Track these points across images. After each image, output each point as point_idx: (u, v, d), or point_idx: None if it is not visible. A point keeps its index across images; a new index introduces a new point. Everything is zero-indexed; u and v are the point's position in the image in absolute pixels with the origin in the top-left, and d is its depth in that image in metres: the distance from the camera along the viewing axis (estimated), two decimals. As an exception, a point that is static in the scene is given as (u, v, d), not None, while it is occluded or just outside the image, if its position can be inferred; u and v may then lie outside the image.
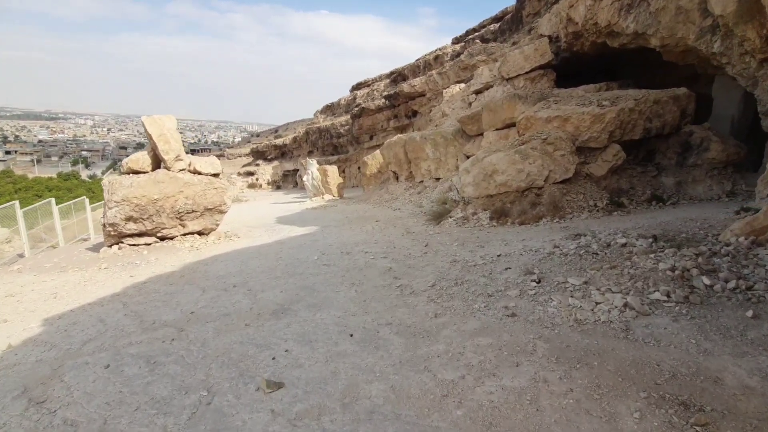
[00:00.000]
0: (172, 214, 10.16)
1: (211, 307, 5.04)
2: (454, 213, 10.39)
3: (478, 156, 10.40)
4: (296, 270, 6.65)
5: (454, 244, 7.48)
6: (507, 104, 14.20)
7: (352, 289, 5.29)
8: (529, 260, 5.66)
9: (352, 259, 7.06)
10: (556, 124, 10.44)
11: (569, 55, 16.22)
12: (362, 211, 15.46)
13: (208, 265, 7.85)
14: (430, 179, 17.60)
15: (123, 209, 9.76)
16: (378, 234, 9.62)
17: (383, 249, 7.70)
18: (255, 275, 6.58)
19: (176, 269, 7.79)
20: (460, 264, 5.94)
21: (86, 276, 7.99)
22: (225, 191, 10.86)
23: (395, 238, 8.81)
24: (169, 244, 10.23)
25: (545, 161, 9.46)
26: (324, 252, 7.95)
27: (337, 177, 22.88)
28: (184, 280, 6.77)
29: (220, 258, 8.51)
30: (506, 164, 9.60)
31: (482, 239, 7.68)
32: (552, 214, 9.02)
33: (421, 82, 24.27)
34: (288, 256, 7.85)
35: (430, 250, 7.16)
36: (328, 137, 35.63)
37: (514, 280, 4.85)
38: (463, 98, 18.94)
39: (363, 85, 39.03)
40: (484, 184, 9.97)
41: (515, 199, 9.61)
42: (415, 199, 16.47)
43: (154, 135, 9.97)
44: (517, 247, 6.55)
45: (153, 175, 9.99)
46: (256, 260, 7.81)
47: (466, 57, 21.38)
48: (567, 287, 4.31)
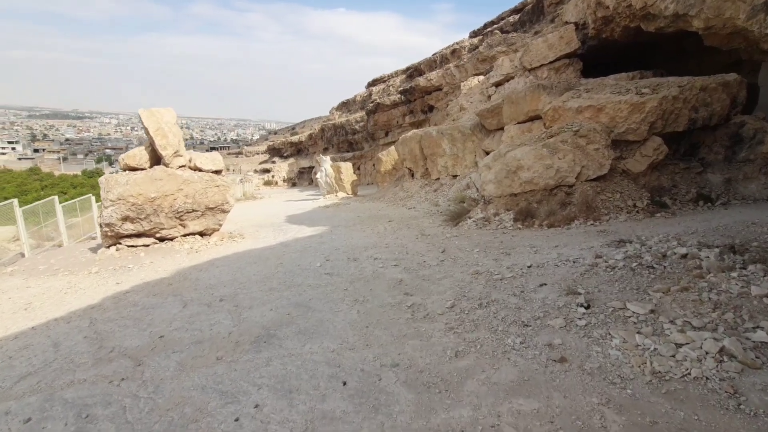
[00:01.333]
0: (171, 214, 9.35)
1: (186, 330, 4.14)
2: (473, 213, 9.33)
3: (500, 151, 9.30)
4: (294, 280, 5.71)
5: (474, 251, 6.44)
6: (530, 95, 13.02)
7: (354, 308, 4.32)
8: (568, 274, 4.60)
9: (358, 267, 6.08)
10: (588, 115, 9.26)
11: (597, 43, 14.86)
12: (375, 209, 14.48)
13: (202, 272, 6.99)
14: (447, 176, 16.51)
15: (119, 208, 8.99)
16: (390, 236, 8.63)
17: (394, 255, 6.71)
18: (248, 286, 5.67)
19: (167, 275, 6.95)
20: (484, 277, 4.91)
21: (72, 282, 7.23)
22: (228, 189, 10.01)
23: (408, 242, 7.81)
24: (168, 246, 9.43)
25: (577, 156, 8.32)
26: (329, 257, 7.00)
27: (351, 174, 21.95)
28: (170, 289, 5.91)
29: (217, 263, 7.65)
30: (532, 159, 8.48)
31: (507, 245, 6.61)
32: (585, 215, 7.89)
33: (437, 76, 23.11)
34: (289, 262, 6.92)
35: (448, 258, 6.14)
36: (343, 134, 34.74)
37: (554, 302, 3.81)
38: (481, 91, 17.76)
39: (379, 81, 37.97)
40: (507, 182, 8.88)
41: (542, 199, 8.49)
42: (431, 197, 15.41)
43: (151, 129, 9.16)
44: (550, 255, 5.47)
45: (150, 172, 9.19)
46: (254, 266, 6.91)
47: (485, 48, 20.14)
48: (628, 317, 3.26)
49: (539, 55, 15.70)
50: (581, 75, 15.24)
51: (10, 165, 69.80)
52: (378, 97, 30.38)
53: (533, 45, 15.89)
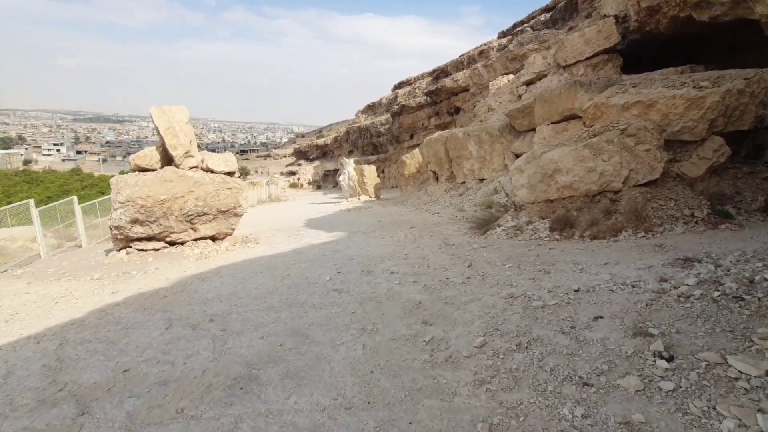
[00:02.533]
0: (181, 217, 8.76)
1: (157, 362, 3.39)
2: (503, 221, 8.33)
3: (534, 152, 8.27)
4: (298, 297, 4.90)
5: (506, 266, 5.47)
6: (565, 93, 11.88)
7: (360, 340, 3.46)
8: (629, 303, 3.60)
9: (371, 283, 5.22)
10: (636, 112, 8.11)
11: (639, 37, 13.51)
12: (397, 214, 13.61)
13: (203, 282, 6.29)
14: (473, 180, 15.48)
15: (128, 211, 8.45)
16: (410, 245, 7.74)
17: (414, 268, 5.81)
18: (245, 302, 4.90)
19: (167, 285, 6.29)
20: (520, 302, 3.96)
21: (70, 289, 6.67)
22: (240, 192, 9.35)
23: (430, 252, 6.90)
24: (178, 251, 8.84)
25: (624, 158, 7.21)
26: (341, 269, 6.17)
27: (375, 177, 21.17)
28: (162, 303, 5.22)
29: (223, 271, 6.95)
30: (572, 161, 7.43)
31: (545, 259, 5.61)
32: (634, 225, 6.77)
33: (464, 77, 22.06)
34: (297, 274, 6.13)
35: (475, 274, 5.20)
36: (368, 136, 34.06)
37: (620, 347, 2.85)
38: (511, 90, 16.64)
39: (405, 83, 37.12)
40: (543, 187, 7.84)
41: (583, 206, 7.42)
42: (456, 201, 14.42)
43: (162, 128, 8.59)
44: (601, 276, 4.46)
45: (160, 174, 8.62)
46: (259, 278, 6.16)
47: (515, 47, 18.99)
48: (735, 380, 2.28)
49: (575, 51, 14.48)
50: (621, 72, 13.96)
51: (55, 166, 72.56)
52: (403, 99, 29.54)
53: (568, 40, 14.68)
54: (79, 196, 10.90)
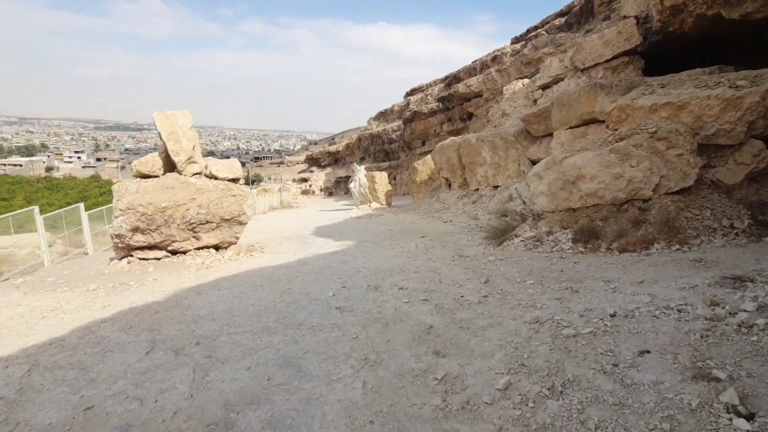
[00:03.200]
0: (183, 226, 8.37)
1: (125, 398, 2.90)
2: (520, 231, 7.73)
3: (555, 157, 7.67)
4: (296, 317, 4.40)
5: (527, 282, 4.90)
6: (585, 96, 11.27)
7: (360, 376, 2.93)
8: (679, 333, 3.01)
9: (378, 301, 4.70)
10: (666, 114, 7.48)
11: (661, 38, 12.82)
12: (409, 222, 13.08)
13: (200, 295, 5.84)
14: (487, 187, 14.88)
15: (128, 218, 8.09)
16: (421, 257, 7.19)
17: (425, 284, 5.27)
18: (239, 322, 4.41)
19: (161, 298, 5.85)
20: (548, 329, 3.39)
21: (61, 302, 6.28)
22: (245, 199, 8.93)
23: (443, 265, 6.34)
24: (180, 261, 8.44)
25: (654, 163, 6.58)
26: (346, 283, 5.66)
27: (386, 184, 20.68)
28: (151, 321, 4.76)
29: (222, 283, 6.50)
30: (597, 167, 6.82)
31: (570, 275, 5.02)
32: (667, 237, 6.13)
33: (477, 82, 21.53)
34: (299, 288, 5.64)
35: (493, 292, 4.63)
36: (379, 143, 33.67)
37: (680, 397, 2.27)
38: (526, 95, 16.04)
39: (417, 90, 36.73)
40: (564, 194, 7.24)
41: (609, 215, 6.80)
42: (469, 209, 13.83)
43: (164, 133, 8.23)
44: (639, 298, 3.86)
45: (162, 180, 8.25)
46: (259, 291, 5.68)
47: (530, 51, 18.41)
48: None
49: (594, 53, 13.85)
50: (642, 74, 13.28)
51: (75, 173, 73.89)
52: (415, 105, 29.09)
53: (586, 42, 14.06)
54: (97, 203, 10.63)
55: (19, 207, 39.07)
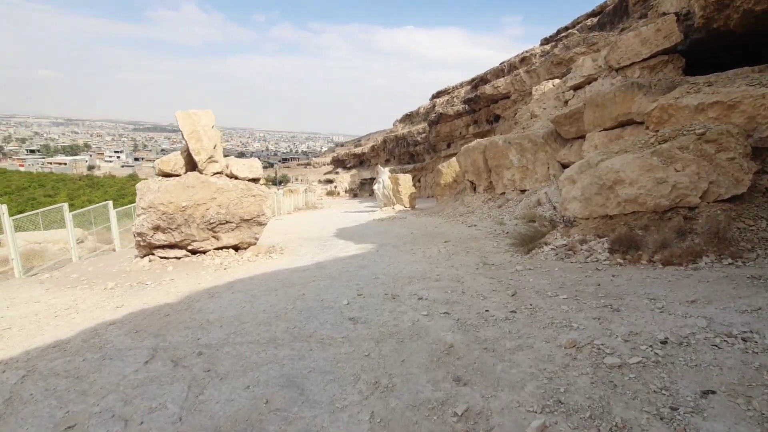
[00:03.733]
0: (203, 225, 8.20)
1: (109, 417, 2.62)
2: (550, 238, 7.17)
3: (590, 160, 7.08)
4: (306, 327, 4.06)
5: (560, 297, 4.40)
6: (621, 96, 10.55)
7: (369, 405, 2.54)
8: (749, 369, 2.49)
9: (395, 312, 4.30)
10: (714, 114, 6.78)
11: (703, 35, 11.91)
12: (432, 225, 12.62)
13: (213, 298, 5.59)
14: (514, 191, 14.25)
15: (150, 217, 7.99)
16: (444, 263, 6.75)
17: (446, 294, 4.84)
18: (247, 330, 4.11)
19: (174, 300, 5.64)
20: (588, 356, 2.92)
21: (77, 300, 6.17)
22: (265, 200, 8.70)
23: (466, 273, 5.88)
24: (199, 260, 8.28)
25: (702, 167, 5.93)
26: (362, 291, 5.29)
27: (410, 186, 20.26)
28: (158, 324, 4.53)
29: (237, 286, 6.25)
30: (637, 171, 6.21)
31: (609, 290, 4.48)
32: (716, 250, 5.48)
33: (505, 83, 20.82)
34: (313, 295, 5.31)
35: (522, 306, 4.16)
36: (404, 145, 33.25)
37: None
38: (557, 96, 15.31)
39: (443, 93, 36.14)
40: (599, 200, 6.65)
41: (650, 224, 6.17)
42: (495, 213, 13.25)
43: (186, 132, 8.10)
44: (692, 321, 3.32)
45: (183, 179, 8.11)
46: (271, 296, 5.39)
47: (561, 50, 17.62)
48: None
49: (630, 52, 13.03)
50: (683, 74, 12.39)
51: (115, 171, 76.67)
52: (441, 107, 28.54)
53: (622, 41, 13.25)
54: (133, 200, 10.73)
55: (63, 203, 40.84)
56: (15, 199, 45.42)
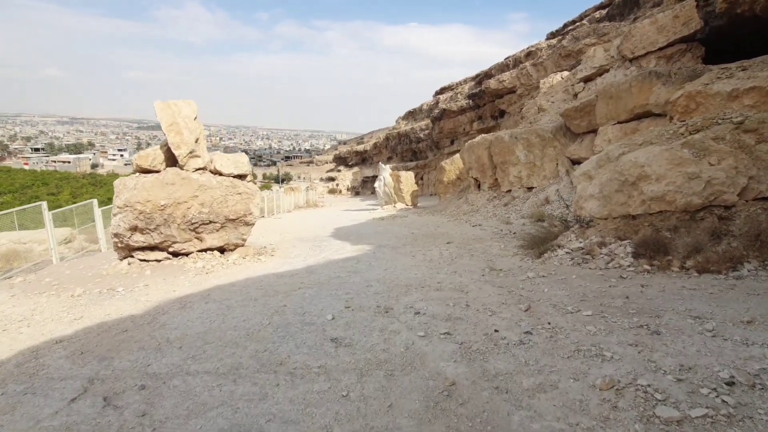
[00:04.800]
0: (184, 226, 7.52)
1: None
2: (564, 240, 6.43)
3: (609, 153, 6.33)
4: (277, 352, 3.36)
5: (583, 313, 3.67)
6: (637, 87, 9.79)
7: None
8: None
9: (386, 332, 3.60)
10: (750, 101, 6.02)
11: (725, 22, 11.08)
12: (433, 225, 11.89)
13: (183, 309, 4.91)
14: (520, 188, 13.49)
15: (126, 217, 7.32)
16: (446, 268, 6.03)
17: (448, 307, 4.12)
18: (208, 354, 3.42)
19: (139, 312, 4.97)
20: (633, 402, 2.20)
21: (38, 309, 5.51)
22: (252, 198, 8.01)
23: (471, 281, 5.16)
24: (180, 263, 7.60)
25: (740, 161, 5.17)
26: (351, 302, 4.59)
27: (412, 184, 19.54)
28: (109, 344, 3.85)
29: (214, 294, 5.56)
30: (665, 165, 5.46)
31: (640, 304, 3.75)
32: (759, 255, 4.73)
33: (511, 77, 20.02)
34: (294, 307, 4.61)
35: (538, 326, 3.44)
36: (407, 142, 32.49)
37: None
38: (566, 89, 14.52)
39: (447, 89, 35.31)
40: (620, 197, 5.90)
41: (680, 224, 5.42)
42: (501, 212, 12.51)
43: (164, 124, 7.41)
44: (761, 351, 2.60)
45: (161, 176, 7.43)
46: (248, 308, 4.70)
47: (570, 42, 16.81)
48: None
49: (645, 41, 12.23)
50: (702, 63, 11.58)
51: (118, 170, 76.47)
52: (444, 103, 27.74)
53: (637, 29, 12.45)
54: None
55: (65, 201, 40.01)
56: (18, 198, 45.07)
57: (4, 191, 51.11)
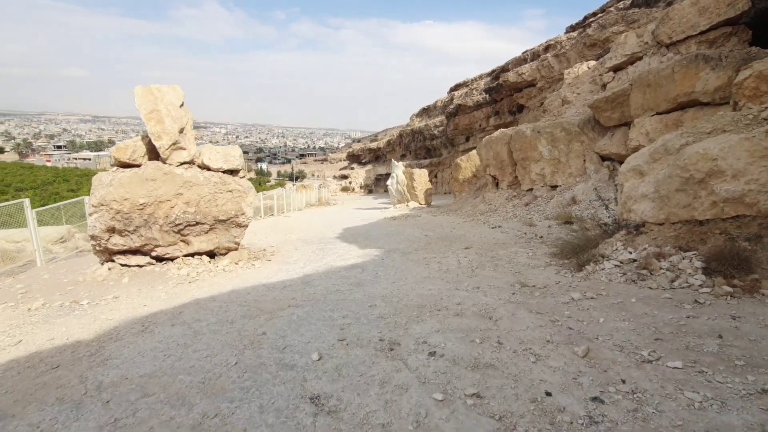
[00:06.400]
0: (167, 227, 6.56)
1: None
2: (607, 249, 5.24)
3: (667, 143, 5.12)
4: (231, 420, 2.32)
5: (667, 363, 2.54)
6: (681, 72, 8.48)
7: None
8: None
9: (388, 387, 2.53)
10: None
11: (777, 2, 9.67)
12: (449, 226, 10.75)
13: (142, 334, 3.92)
14: (543, 187, 12.25)
15: (102, 217, 6.39)
16: (466, 282, 4.92)
17: (473, 346, 3.03)
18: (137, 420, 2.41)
19: (88, 337, 3.99)
20: None
21: (-19, 328, 4.58)
22: (244, 196, 7.01)
23: (499, 302, 4.05)
24: (164, 269, 6.66)
25: None
26: (346, 332, 3.52)
27: (425, 182, 18.38)
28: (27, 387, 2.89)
29: (186, 313, 4.57)
30: (745, 158, 4.25)
31: (745, 350, 2.59)
32: None
33: (530, 69, 18.68)
34: (273, 338, 3.57)
35: (610, 387, 2.33)
36: (421, 139, 31.28)
37: None
38: (593, 79, 13.19)
39: (461, 85, 33.94)
40: (683, 198, 4.70)
41: (764, 233, 4.21)
42: (521, 213, 11.31)
43: (144, 111, 6.44)
44: None
45: (140, 171, 6.47)
46: (217, 337, 3.68)
47: (596, 30, 15.42)
48: None
49: (685, 24, 10.85)
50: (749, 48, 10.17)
51: (136, 167, 76.61)
52: (459, 99, 26.44)
53: (675, 11, 11.07)
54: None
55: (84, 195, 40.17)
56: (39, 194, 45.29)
57: (26, 187, 51.52)
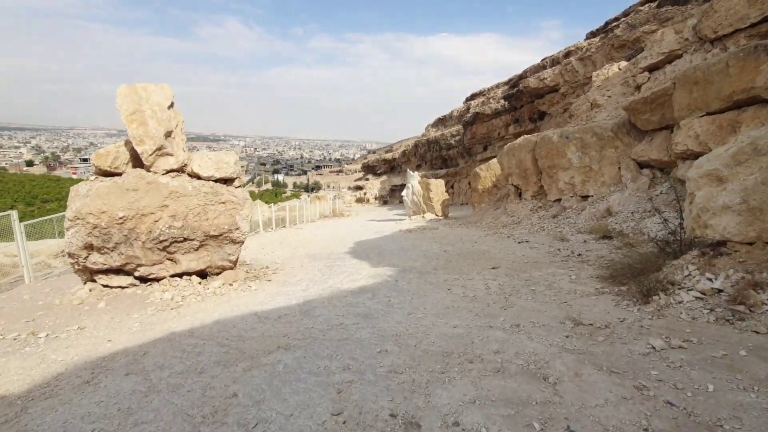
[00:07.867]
0: (150, 244, 5.68)
1: None
2: (677, 274, 4.11)
3: (756, 141, 4.00)
4: None
5: None
6: (738, 66, 7.31)
7: None
8: None
9: None
10: None
11: None
12: (469, 240, 9.67)
13: (83, 387, 3.00)
14: (573, 197, 11.07)
15: (78, 232, 5.56)
16: (501, 317, 3.86)
17: (530, 433, 1.99)
18: None
19: (12, 392, 3.09)
20: None
21: None
22: (239, 208, 6.10)
23: (551, 351, 2.98)
24: (146, 292, 5.77)
25: None
26: (344, 399, 2.51)
27: (442, 192, 17.34)
28: None
29: (152, 354, 3.63)
30: None
31: None
32: None
33: (553, 74, 17.57)
34: (244, 407, 2.59)
35: None
36: (437, 149, 30.28)
37: None
38: (625, 80, 12.03)
39: (478, 94, 32.94)
40: (786, 212, 3.58)
41: None
42: (550, 225, 10.15)
43: (125, 113, 5.61)
44: None
45: (121, 180, 5.63)
46: (172, 400, 2.71)
47: (624, 31, 14.28)
48: None
49: (733, 16, 9.66)
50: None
51: (156, 179, 77.63)
52: (477, 107, 25.41)
53: (721, 3, 9.89)
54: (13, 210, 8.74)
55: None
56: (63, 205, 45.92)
57: (52, 199, 52.34)
